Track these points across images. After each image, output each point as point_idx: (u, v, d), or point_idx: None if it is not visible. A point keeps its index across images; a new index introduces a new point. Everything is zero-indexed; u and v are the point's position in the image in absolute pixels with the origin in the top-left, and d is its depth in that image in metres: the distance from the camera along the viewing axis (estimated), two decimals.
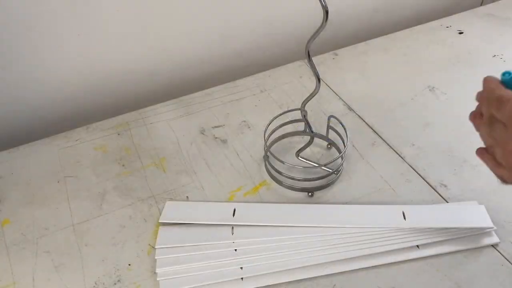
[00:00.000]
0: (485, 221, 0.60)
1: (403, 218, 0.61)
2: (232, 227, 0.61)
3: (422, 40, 1.00)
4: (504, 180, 0.42)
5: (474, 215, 0.61)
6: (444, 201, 0.64)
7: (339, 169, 0.68)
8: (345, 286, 0.55)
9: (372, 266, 0.57)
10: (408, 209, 0.62)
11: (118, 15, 0.78)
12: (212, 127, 0.79)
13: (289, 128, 0.75)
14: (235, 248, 0.58)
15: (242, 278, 0.55)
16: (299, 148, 0.71)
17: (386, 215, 0.61)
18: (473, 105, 0.47)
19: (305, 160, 0.70)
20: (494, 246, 0.58)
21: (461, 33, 1.02)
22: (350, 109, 0.82)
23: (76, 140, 0.76)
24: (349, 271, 0.56)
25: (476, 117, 0.45)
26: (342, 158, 0.68)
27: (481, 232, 0.59)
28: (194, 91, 0.86)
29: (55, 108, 0.84)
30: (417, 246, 0.58)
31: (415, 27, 1.04)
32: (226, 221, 0.61)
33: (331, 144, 0.74)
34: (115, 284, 0.56)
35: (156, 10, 0.81)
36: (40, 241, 0.61)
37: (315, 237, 0.59)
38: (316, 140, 0.73)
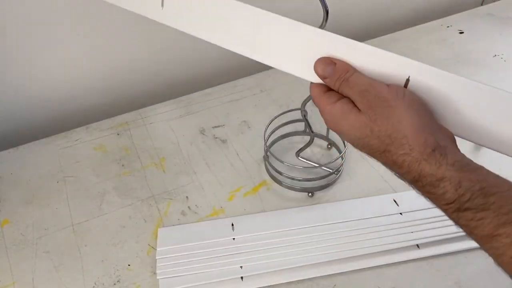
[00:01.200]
0: None
1: (396, 204, 0.62)
2: (232, 224, 0.61)
3: (423, 39, 1.00)
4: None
5: None
6: None
7: (339, 169, 0.68)
8: (345, 286, 0.55)
9: (373, 266, 0.57)
10: (399, 196, 0.64)
11: (118, 15, 0.78)
12: (212, 127, 0.79)
13: (289, 128, 0.74)
14: (235, 247, 0.58)
15: (242, 278, 0.55)
16: (299, 148, 0.71)
17: (378, 205, 0.63)
18: None
19: (305, 160, 0.70)
20: None
21: (461, 33, 1.02)
22: None
23: (76, 140, 0.76)
24: (350, 271, 0.56)
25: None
26: (342, 158, 0.68)
27: None
28: (194, 91, 0.86)
29: (54, 108, 0.84)
30: (417, 245, 0.58)
31: (416, 27, 1.04)
32: (227, 237, 0.60)
33: (331, 144, 0.74)
34: (114, 284, 0.56)
35: None
36: (39, 241, 0.61)
37: (315, 236, 0.59)
38: (316, 140, 0.73)
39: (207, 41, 0.47)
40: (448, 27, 1.04)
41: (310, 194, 0.66)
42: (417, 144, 0.37)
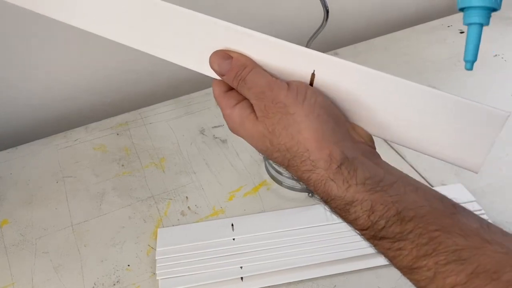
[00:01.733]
0: (465, 196, 0.63)
1: None
2: (232, 224, 0.61)
3: (423, 39, 0.99)
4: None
5: (453, 192, 0.62)
6: None
7: None
8: (345, 286, 0.55)
9: (373, 267, 0.56)
10: None
11: None
12: (212, 127, 0.78)
13: None
14: (235, 247, 0.58)
15: (242, 278, 0.55)
16: None
17: None
18: None
19: None
20: None
21: (462, 32, 1.02)
22: None
23: (75, 140, 0.76)
24: (350, 271, 0.56)
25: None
26: None
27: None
28: (194, 91, 0.86)
29: (54, 108, 0.84)
30: None
31: (416, 27, 1.04)
32: (227, 237, 0.60)
33: None
34: (114, 284, 0.56)
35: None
36: (39, 242, 0.61)
37: (315, 237, 0.59)
38: None
39: (95, 33, 0.42)
40: (448, 27, 1.04)
41: (310, 194, 0.66)
42: (321, 159, 0.32)
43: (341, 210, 0.32)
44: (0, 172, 0.71)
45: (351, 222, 0.32)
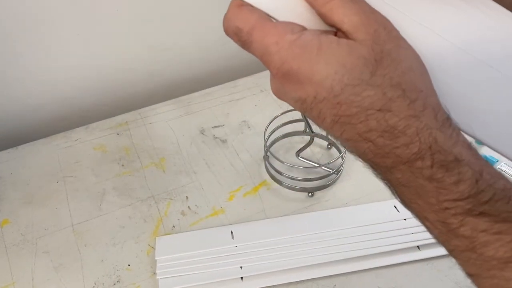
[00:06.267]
0: None
1: (396, 210, 0.62)
2: (232, 231, 0.60)
3: None
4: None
5: None
6: None
7: (339, 169, 0.68)
8: (345, 287, 0.55)
9: (373, 267, 0.57)
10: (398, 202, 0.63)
11: (118, 14, 0.78)
12: (212, 127, 0.78)
13: (289, 128, 0.74)
14: (235, 247, 0.58)
15: (241, 278, 0.55)
16: (299, 148, 0.71)
17: (379, 212, 0.62)
18: None
19: (305, 160, 0.70)
20: None
21: None
22: None
23: (76, 140, 0.76)
24: (350, 272, 0.56)
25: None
26: (342, 158, 0.68)
27: None
28: (194, 91, 0.86)
29: (54, 108, 0.84)
30: (418, 247, 0.58)
31: None
32: (227, 245, 0.59)
33: (332, 144, 0.73)
34: (114, 284, 0.56)
35: (156, 9, 0.81)
36: (39, 242, 0.61)
37: (315, 238, 0.59)
38: (316, 140, 0.73)
39: None
40: None
41: (310, 194, 0.66)
42: (433, 104, 0.25)
43: (443, 167, 0.25)
44: (0, 172, 0.71)
45: (447, 186, 0.25)
